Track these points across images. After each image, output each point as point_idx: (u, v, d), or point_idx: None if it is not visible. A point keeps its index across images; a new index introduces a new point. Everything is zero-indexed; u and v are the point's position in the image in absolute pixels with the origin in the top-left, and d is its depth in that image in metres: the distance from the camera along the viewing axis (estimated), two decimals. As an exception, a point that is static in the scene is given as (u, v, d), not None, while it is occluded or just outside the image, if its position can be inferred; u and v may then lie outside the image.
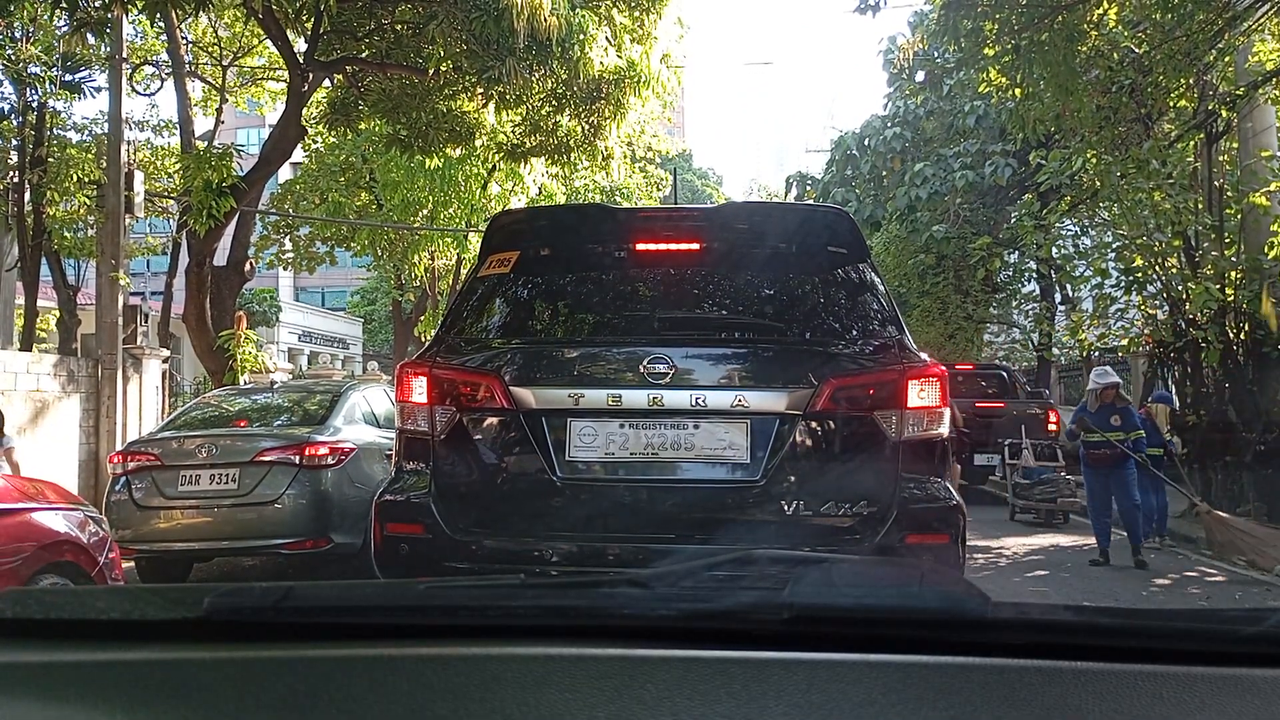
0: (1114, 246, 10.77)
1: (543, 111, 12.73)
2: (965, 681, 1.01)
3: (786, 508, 3.48)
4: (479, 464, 3.67)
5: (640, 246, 3.95)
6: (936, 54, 13.58)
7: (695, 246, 3.95)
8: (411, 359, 3.96)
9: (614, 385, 3.54)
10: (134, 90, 14.30)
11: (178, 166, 13.67)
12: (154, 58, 16.23)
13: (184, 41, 18.58)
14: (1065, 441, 10.42)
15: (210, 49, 18.29)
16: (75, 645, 1.13)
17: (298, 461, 7.17)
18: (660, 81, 11.04)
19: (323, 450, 7.30)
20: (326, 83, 13.63)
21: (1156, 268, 10.66)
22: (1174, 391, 11.13)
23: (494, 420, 3.64)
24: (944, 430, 3.61)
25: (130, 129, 15.83)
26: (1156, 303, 11.17)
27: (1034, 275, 18.15)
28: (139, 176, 13.55)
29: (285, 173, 27.68)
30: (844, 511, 3.54)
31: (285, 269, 22.80)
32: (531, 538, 3.56)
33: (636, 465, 3.51)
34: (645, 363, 3.54)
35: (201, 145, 12.87)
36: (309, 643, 1.12)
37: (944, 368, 3.81)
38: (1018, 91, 9.49)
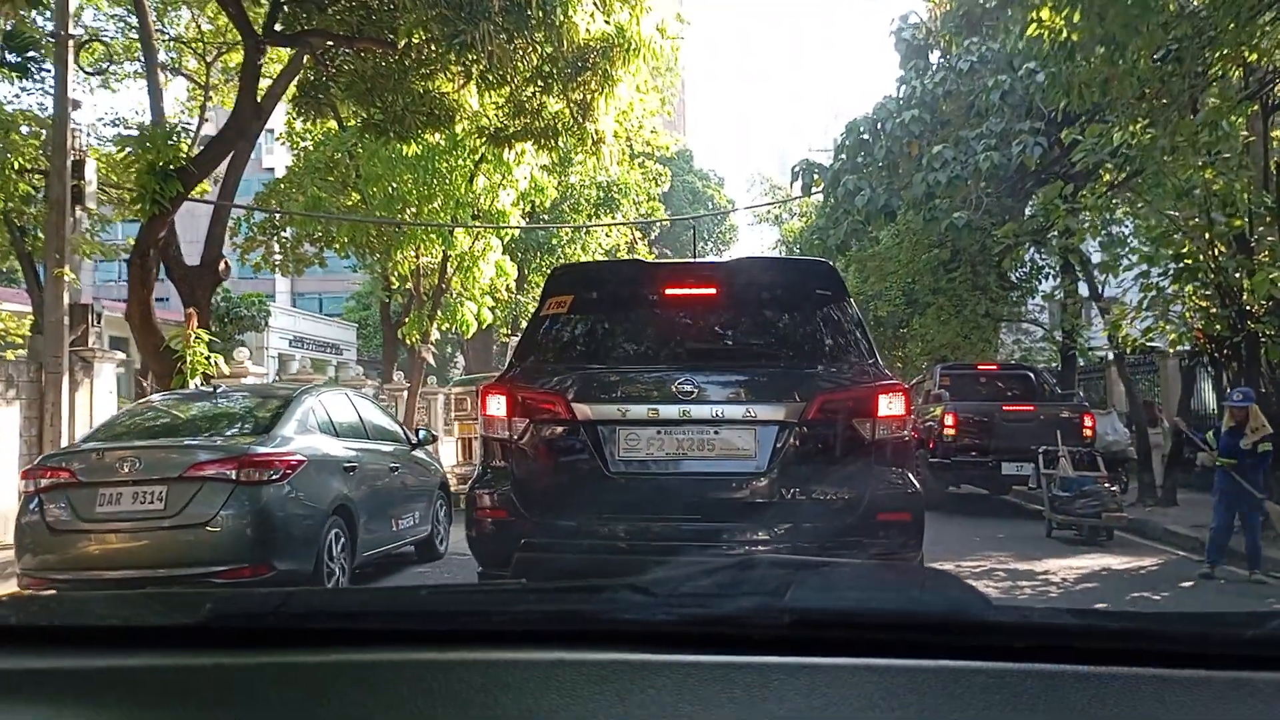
0: (1160, 230, 9.40)
1: (527, 92, 12.20)
2: (967, 685, 1.03)
3: (786, 493, 4.37)
4: (548, 463, 4.61)
5: (669, 292, 4.95)
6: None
7: (713, 291, 4.94)
8: (491, 382, 4.84)
9: (652, 401, 4.46)
10: (81, 69, 13.00)
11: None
12: (109, 41, 14.95)
13: (164, 36, 17.23)
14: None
15: (193, 44, 17.12)
16: (76, 651, 1.15)
17: (234, 477, 6.45)
18: (652, 49, 9.74)
19: (263, 464, 6.60)
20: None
21: (1208, 254, 9.30)
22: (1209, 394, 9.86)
23: (560, 429, 4.56)
24: (908, 434, 4.58)
25: (109, 126, 14.38)
26: (1208, 293, 9.79)
27: (1054, 271, 16.80)
28: (90, 165, 12.21)
29: (280, 171, 26.39)
30: (830, 496, 4.40)
31: (273, 271, 21.62)
32: (589, 520, 4.44)
33: (670, 462, 4.44)
34: (676, 383, 4.45)
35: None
36: (309, 648, 1.14)
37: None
38: (1075, 36, 8.19)
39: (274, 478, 6.56)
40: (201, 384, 10.82)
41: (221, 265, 13.52)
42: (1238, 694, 1.04)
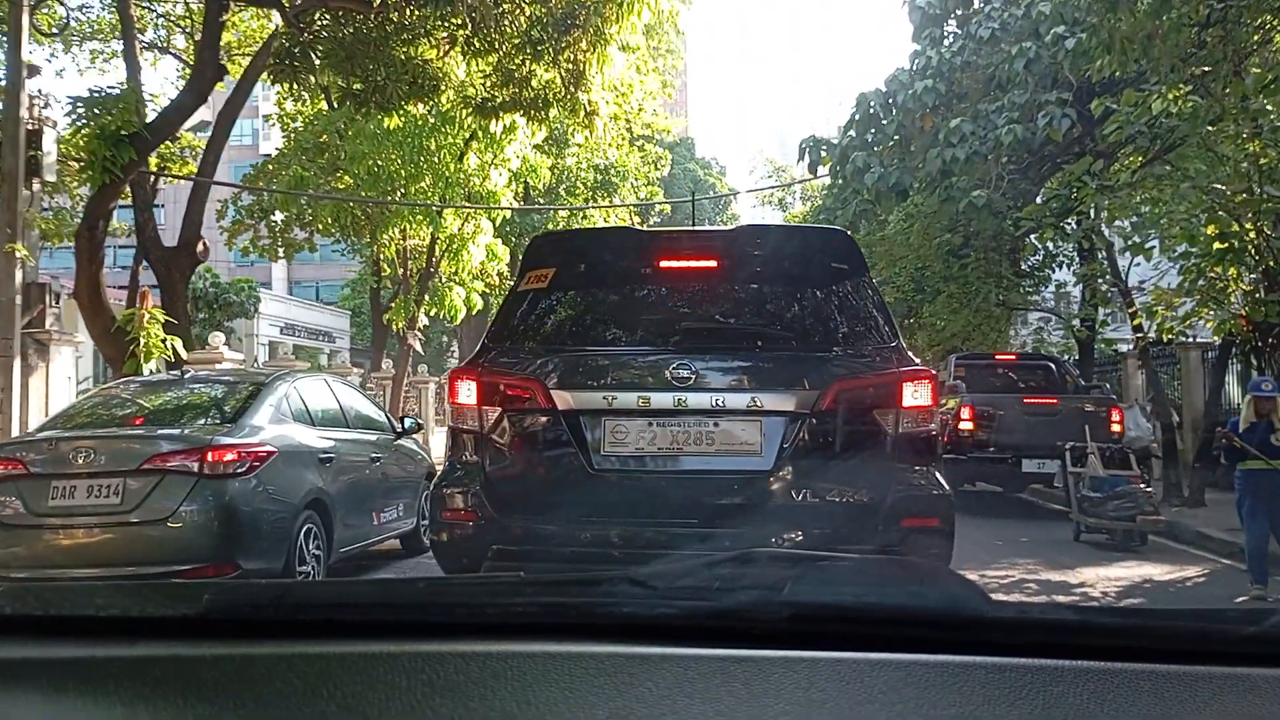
0: (1204, 206, 8.50)
1: (515, 60, 10.98)
2: (966, 680, 1.04)
3: (796, 496, 3.98)
4: (523, 458, 4.22)
5: (664, 264, 4.51)
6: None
7: (713, 264, 4.50)
8: (461, 366, 4.60)
9: (643, 388, 4.05)
10: (36, 31, 12.10)
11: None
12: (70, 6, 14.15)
13: (152, 13, 16.37)
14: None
15: (181, 21, 16.48)
16: (75, 641, 1.16)
17: (197, 469, 6.14)
18: (647, 2, 8.80)
19: (229, 456, 6.28)
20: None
21: (1255, 232, 8.39)
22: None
23: (536, 419, 4.15)
24: (934, 427, 4.18)
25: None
26: (1254, 276, 8.90)
27: (1069, 259, 15.93)
28: (49, 135, 11.23)
29: (264, 148, 25.42)
30: (846, 498, 4.04)
31: (261, 256, 20.96)
32: (570, 523, 4.05)
33: (663, 458, 4.04)
34: (670, 368, 4.03)
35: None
36: (308, 640, 1.16)
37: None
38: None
39: (240, 470, 6.27)
40: (158, 369, 9.94)
41: (200, 246, 12.98)
42: (1237, 690, 1.04)
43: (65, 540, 6.14)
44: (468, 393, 4.19)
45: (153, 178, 15.23)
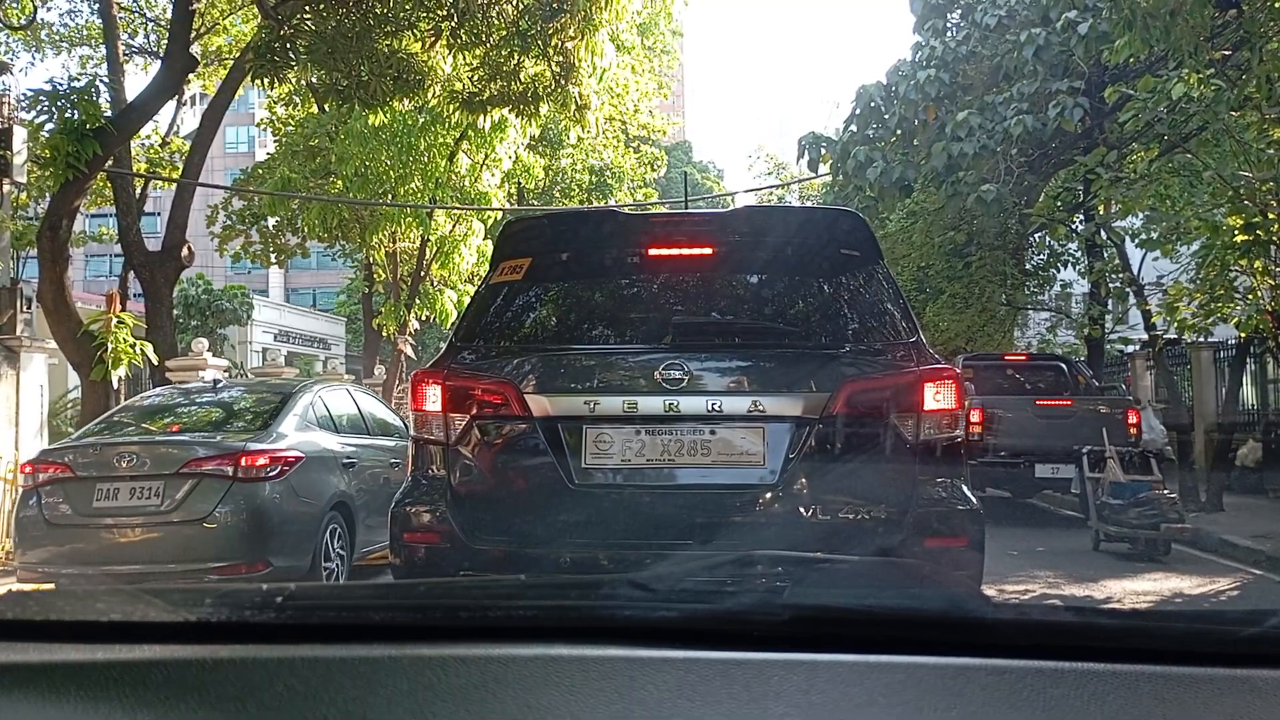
0: (1228, 196, 7.98)
1: (503, 52, 11.33)
2: (966, 682, 1.05)
3: (804, 512, 3.63)
4: (494, 472, 3.88)
5: (653, 251, 4.13)
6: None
7: (708, 251, 4.13)
8: (425, 367, 4.15)
9: (629, 392, 3.68)
10: (6, 26, 11.62)
11: None
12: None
13: (142, 18, 15.93)
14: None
15: (171, 25, 16.01)
16: (76, 645, 1.18)
17: (231, 473, 6.55)
18: (639, -16, 8.30)
19: (261, 460, 6.67)
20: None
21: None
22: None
23: (509, 428, 3.80)
24: (959, 433, 3.79)
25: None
26: (1278, 268, 8.40)
27: (1074, 259, 15.51)
28: (19, 134, 10.68)
29: (261, 156, 25.01)
30: (862, 516, 3.71)
31: (252, 262, 20.50)
32: (548, 545, 3.75)
33: (653, 471, 3.68)
34: (660, 369, 3.66)
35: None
36: (310, 643, 1.17)
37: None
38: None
39: (271, 474, 6.65)
40: (129, 375, 9.45)
41: (184, 251, 12.40)
42: (1237, 691, 1.04)
43: (109, 539, 6.56)
44: (432, 398, 3.82)
45: (141, 182, 14.74)
